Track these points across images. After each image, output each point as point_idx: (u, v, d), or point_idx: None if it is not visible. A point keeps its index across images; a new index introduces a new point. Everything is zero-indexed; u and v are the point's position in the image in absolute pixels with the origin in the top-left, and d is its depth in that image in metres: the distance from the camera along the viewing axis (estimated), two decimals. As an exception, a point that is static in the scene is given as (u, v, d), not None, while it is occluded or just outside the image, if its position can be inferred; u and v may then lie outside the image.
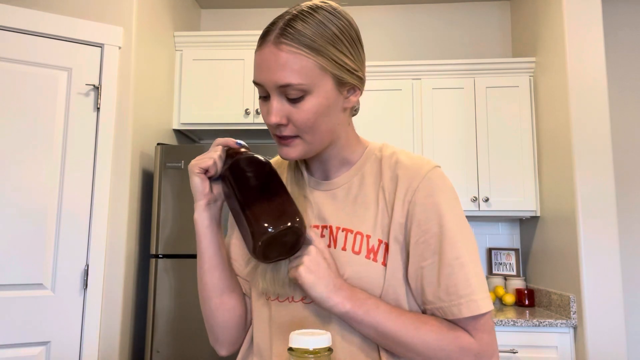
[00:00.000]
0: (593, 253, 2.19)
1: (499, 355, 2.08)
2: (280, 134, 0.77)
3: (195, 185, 0.81)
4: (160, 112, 2.55)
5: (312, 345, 0.56)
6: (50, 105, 1.99)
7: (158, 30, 2.51)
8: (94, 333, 1.98)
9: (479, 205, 2.64)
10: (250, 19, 3.28)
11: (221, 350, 0.90)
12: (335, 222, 0.83)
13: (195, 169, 0.80)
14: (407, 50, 3.19)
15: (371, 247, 0.79)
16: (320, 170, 0.88)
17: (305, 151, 0.79)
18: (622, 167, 2.91)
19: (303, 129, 0.76)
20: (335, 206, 0.84)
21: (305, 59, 0.73)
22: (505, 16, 3.17)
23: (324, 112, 0.77)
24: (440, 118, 2.73)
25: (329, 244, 0.81)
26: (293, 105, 0.75)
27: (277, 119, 0.75)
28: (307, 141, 0.78)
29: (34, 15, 1.98)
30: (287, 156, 0.79)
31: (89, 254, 2.00)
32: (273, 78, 0.74)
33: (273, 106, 0.75)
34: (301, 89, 0.74)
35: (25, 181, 1.91)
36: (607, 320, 2.14)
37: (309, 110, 0.75)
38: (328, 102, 0.77)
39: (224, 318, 0.87)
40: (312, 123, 0.76)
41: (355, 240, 0.80)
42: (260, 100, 0.80)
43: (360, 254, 0.79)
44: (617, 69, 2.98)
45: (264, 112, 0.79)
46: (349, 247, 0.80)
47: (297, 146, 0.78)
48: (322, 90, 0.76)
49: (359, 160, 0.87)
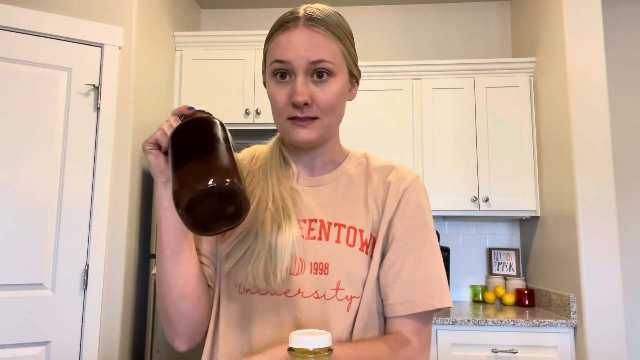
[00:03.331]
0: (593, 253, 2.19)
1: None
2: (301, 114, 0.78)
3: (149, 163, 0.75)
4: (160, 112, 2.55)
5: (312, 345, 0.56)
6: (50, 105, 1.99)
7: (158, 30, 2.51)
8: (94, 333, 1.98)
9: (479, 205, 2.64)
10: (250, 19, 3.28)
11: (181, 345, 0.84)
12: (325, 217, 0.84)
13: (146, 145, 0.74)
14: (407, 50, 3.19)
15: (364, 241, 0.82)
16: (307, 167, 0.89)
17: (321, 135, 0.81)
18: (622, 167, 2.91)
19: (325, 110, 0.79)
20: (323, 201, 0.86)
21: (333, 44, 0.79)
22: (505, 16, 3.17)
23: (342, 98, 0.82)
24: (440, 118, 2.73)
25: (319, 236, 0.82)
26: (318, 85, 0.78)
27: (304, 97, 0.76)
28: (325, 124, 0.80)
29: (34, 15, 1.98)
30: (305, 138, 0.79)
31: (89, 254, 2.00)
32: (306, 54, 0.77)
33: (300, 85, 0.77)
34: (330, 68, 0.78)
35: (25, 181, 1.91)
36: (607, 320, 2.14)
37: (334, 92, 0.79)
38: (344, 89, 0.82)
39: (187, 309, 0.80)
40: (334, 104, 0.79)
41: (348, 233, 0.82)
42: (273, 83, 0.80)
43: (354, 246, 0.82)
44: (617, 69, 2.98)
45: (281, 94, 0.79)
46: (342, 240, 0.82)
47: (315, 128, 0.79)
48: (342, 76, 0.81)
49: (343, 162, 0.90)
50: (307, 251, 0.81)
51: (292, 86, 0.78)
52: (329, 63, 0.78)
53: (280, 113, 0.80)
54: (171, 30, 2.71)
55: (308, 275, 0.80)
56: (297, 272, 0.80)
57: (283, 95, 0.78)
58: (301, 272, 0.80)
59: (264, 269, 0.77)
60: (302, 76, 0.77)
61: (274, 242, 0.78)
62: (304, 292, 0.79)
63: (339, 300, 0.79)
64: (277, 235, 0.79)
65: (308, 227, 0.83)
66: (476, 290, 2.84)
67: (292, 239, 0.79)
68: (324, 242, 0.81)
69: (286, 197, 0.83)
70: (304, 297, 0.79)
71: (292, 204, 0.83)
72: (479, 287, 2.85)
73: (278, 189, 0.84)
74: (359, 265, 0.81)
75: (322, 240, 0.82)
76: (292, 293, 0.79)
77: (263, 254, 0.78)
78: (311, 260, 0.81)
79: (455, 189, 2.67)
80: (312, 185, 0.88)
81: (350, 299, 0.80)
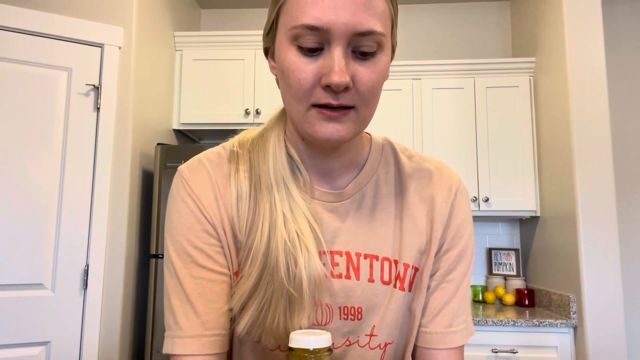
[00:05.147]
0: (593, 253, 2.19)
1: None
2: (336, 102, 0.56)
3: None
4: (160, 112, 2.55)
5: (312, 345, 0.56)
6: (50, 105, 1.99)
7: (158, 30, 2.51)
8: (94, 333, 1.98)
9: (479, 205, 2.64)
10: (250, 19, 3.28)
11: None
12: (352, 247, 0.66)
13: None
14: (407, 50, 3.19)
15: (397, 274, 0.67)
16: (323, 173, 0.67)
17: (355, 131, 0.59)
18: (622, 167, 2.91)
19: (366, 96, 0.57)
20: (346, 224, 0.67)
21: (383, 2, 0.57)
22: (505, 16, 3.17)
23: (385, 79, 0.60)
24: (440, 118, 2.73)
25: (347, 274, 0.65)
26: (362, 62, 0.56)
27: (345, 78, 0.54)
28: (362, 116, 0.59)
29: (34, 16, 1.98)
30: (336, 135, 0.58)
31: (89, 254, 2.00)
32: (352, 20, 0.53)
33: (341, 60, 0.54)
34: (380, 41, 0.56)
35: (25, 181, 1.91)
36: (607, 320, 2.14)
37: (381, 71, 0.58)
38: (389, 65, 0.60)
39: None
40: (378, 87, 0.58)
41: (382, 268, 0.66)
42: (293, 53, 0.56)
43: (389, 284, 0.67)
44: (617, 69, 2.98)
45: (306, 71, 0.56)
46: (376, 277, 0.66)
47: (349, 122, 0.58)
48: (388, 50, 0.59)
49: (367, 161, 0.70)
50: (335, 294, 0.65)
51: (325, 61, 0.55)
52: (380, 35, 0.55)
53: (302, 97, 0.57)
54: (171, 30, 2.71)
55: (337, 321, 0.65)
56: (326, 321, 0.65)
57: (310, 72, 0.55)
58: (330, 322, 0.65)
59: (284, 326, 0.61)
60: (342, 48, 0.55)
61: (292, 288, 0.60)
62: (334, 342, 0.65)
63: (372, 349, 0.66)
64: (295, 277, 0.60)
65: (331, 261, 0.65)
66: (476, 290, 2.85)
67: (314, 281, 0.61)
68: (354, 281, 0.65)
69: (299, 218, 0.63)
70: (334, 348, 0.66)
71: (309, 229, 0.63)
72: (479, 287, 2.85)
73: (288, 207, 0.63)
74: (395, 305, 0.66)
75: (351, 279, 0.65)
76: None
77: (281, 304, 0.61)
78: (340, 305, 0.65)
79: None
80: (331, 201, 0.67)
81: (385, 347, 0.67)
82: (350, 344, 0.66)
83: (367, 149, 0.70)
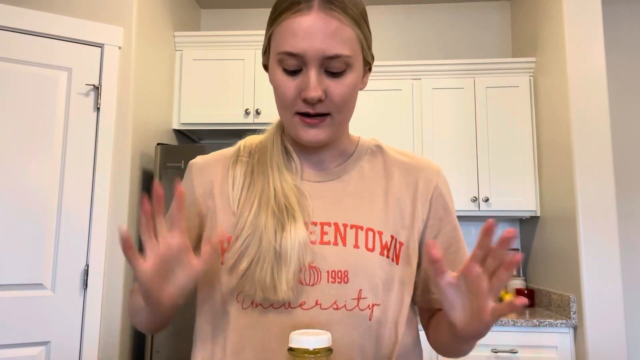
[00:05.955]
0: (593, 253, 2.19)
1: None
2: (313, 111, 0.71)
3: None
4: (160, 112, 2.55)
5: (312, 345, 0.56)
6: (50, 105, 1.99)
7: (158, 30, 2.51)
8: (94, 333, 1.98)
9: (479, 205, 2.64)
10: (250, 19, 3.28)
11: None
12: (339, 218, 0.76)
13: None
14: (407, 50, 3.19)
15: (384, 244, 0.76)
16: (313, 160, 0.81)
17: (331, 134, 0.74)
18: (622, 167, 2.91)
19: (338, 106, 0.72)
20: (334, 199, 0.78)
21: (350, 30, 0.70)
22: (505, 16, 3.17)
23: (356, 90, 0.74)
24: (440, 118, 2.73)
25: (335, 241, 0.74)
26: (332, 79, 0.70)
27: (318, 92, 0.69)
28: (336, 121, 0.73)
29: (35, 16, 1.98)
30: (315, 138, 0.73)
31: (89, 254, 2.00)
32: (321, 47, 0.68)
33: (314, 79, 0.69)
34: (347, 62, 0.70)
35: (25, 181, 1.91)
36: (607, 320, 2.14)
37: (349, 85, 0.71)
38: (359, 80, 0.74)
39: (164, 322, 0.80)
40: (348, 98, 0.72)
41: (367, 236, 0.75)
42: (279, 73, 0.72)
43: (374, 251, 0.75)
44: (617, 69, 2.98)
45: (289, 87, 0.71)
46: (361, 245, 0.75)
47: (326, 127, 0.73)
48: (358, 66, 0.73)
49: (353, 152, 0.83)
50: (323, 258, 0.74)
51: (303, 79, 0.70)
52: (346, 57, 0.69)
53: (287, 106, 0.72)
54: (171, 30, 2.71)
55: (325, 285, 0.73)
56: (313, 282, 0.73)
57: (292, 87, 0.71)
58: (317, 282, 0.73)
59: (271, 278, 0.70)
60: (316, 69, 0.69)
61: (278, 247, 0.71)
62: (322, 303, 0.72)
63: (361, 310, 0.73)
64: (282, 239, 0.71)
65: (320, 230, 0.75)
66: (476, 290, 2.84)
67: (297, 243, 0.71)
68: (341, 247, 0.74)
69: (289, 193, 0.75)
70: (322, 309, 0.72)
71: (296, 203, 0.75)
72: (479, 287, 2.85)
73: (280, 184, 0.76)
74: (380, 271, 0.75)
75: (338, 246, 0.74)
76: (309, 305, 0.72)
77: (269, 260, 0.71)
78: (328, 269, 0.73)
79: (455, 189, 2.67)
80: (319, 180, 0.79)
81: (372, 307, 0.74)
82: (338, 307, 0.73)
83: (354, 144, 0.84)
